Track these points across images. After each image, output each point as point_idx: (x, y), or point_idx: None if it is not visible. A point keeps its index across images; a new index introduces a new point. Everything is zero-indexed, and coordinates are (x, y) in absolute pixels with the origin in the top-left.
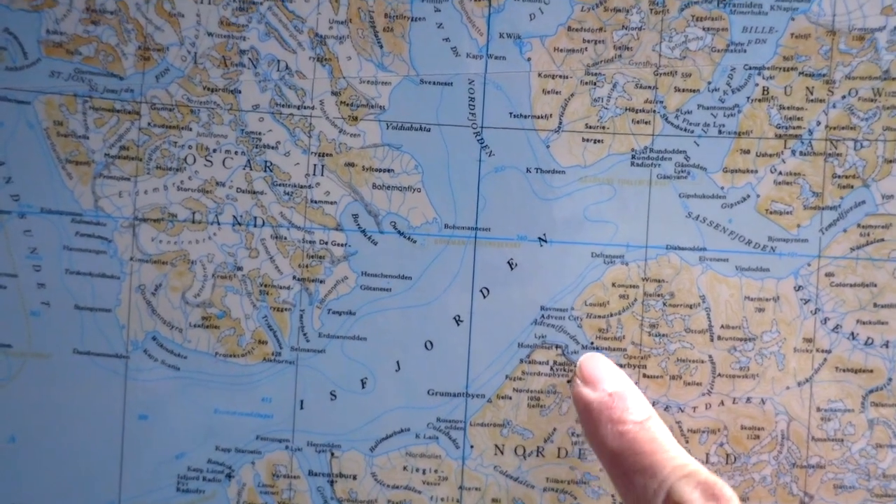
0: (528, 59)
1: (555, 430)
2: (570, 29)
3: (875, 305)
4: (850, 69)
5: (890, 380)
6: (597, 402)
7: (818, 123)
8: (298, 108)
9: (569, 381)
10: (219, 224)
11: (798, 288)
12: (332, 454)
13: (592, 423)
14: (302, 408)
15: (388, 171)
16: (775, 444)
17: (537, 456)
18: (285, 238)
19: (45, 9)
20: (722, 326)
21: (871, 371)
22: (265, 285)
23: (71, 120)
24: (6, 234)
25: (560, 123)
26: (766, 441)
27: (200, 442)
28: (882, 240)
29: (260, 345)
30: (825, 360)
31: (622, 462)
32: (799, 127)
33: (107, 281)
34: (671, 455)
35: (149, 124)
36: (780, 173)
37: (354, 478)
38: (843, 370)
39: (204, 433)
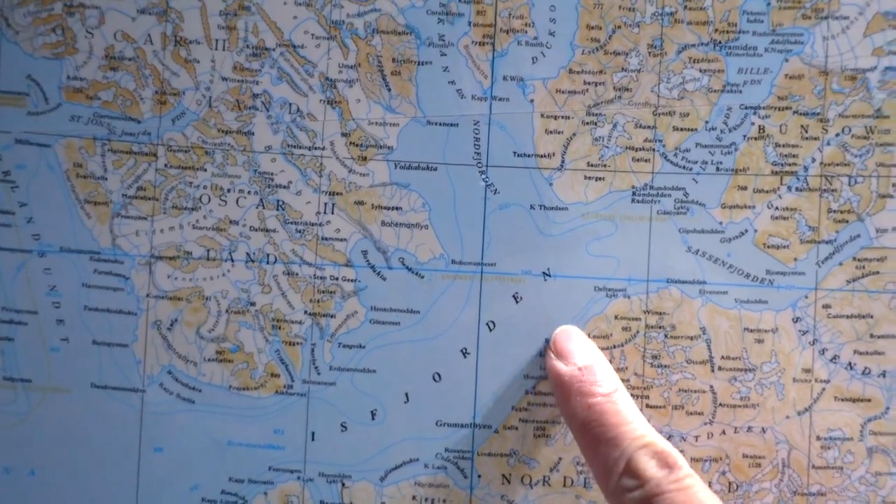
0: (531, 101)
1: (560, 459)
2: (571, 71)
3: (871, 336)
4: (843, 108)
5: (888, 408)
6: (568, 376)
7: (813, 160)
8: (309, 149)
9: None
10: (232, 261)
11: (796, 319)
12: (343, 484)
13: (564, 395)
14: (313, 439)
15: (397, 208)
16: (776, 472)
17: (543, 485)
18: (297, 274)
19: (66, 56)
20: (722, 357)
21: (870, 400)
22: (277, 320)
23: (90, 162)
24: (27, 273)
25: (563, 162)
26: (768, 469)
27: (214, 473)
28: (877, 272)
29: (272, 378)
30: (824, 389)
31: (589, 433)
32: (794, 164)
33: (124, 317)
34: (633, 427)
35: (165, 165)
36: (777, 209)
37: None
38: (842, 399)
39: (217, 465)
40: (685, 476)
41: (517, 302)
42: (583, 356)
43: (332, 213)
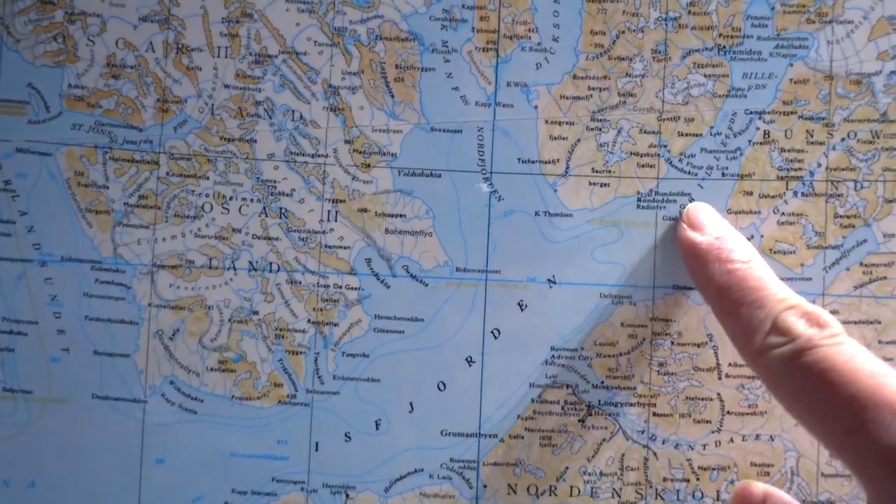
0: (535, 107)
1: (567, 468)
2: (575, 77)
3: (879, 342)
4: (849, 112)
5: None
6: (705, 244)
7: (819, 165)
8: (312, 157)
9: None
10: (235, 270)
11: None
12: (347, 495)
13: (700, 262)
14: (317, 449)
15: (400, 216)
16: (785, 480)
17: (550, 495)
18: (300, 282)
19: (67, 64)
20: (729, 364)
21: None
22: (280, 329)
23: (91, 170)
24: (27, 282)
25: (567, 168)
26: (777, 478)
27: (217, 485)
28: (885, 277)
29: (275, 388)
30: None
31: (729, 296)
32: (800, 169)
33: (125, 327)
34: (776, 290)
35: (167, 174)
36: (783, 214)
37: None
38: None
39: (220, 476)
40: (839, 334)
41: (522, 309)
42: (717, 228)
43: (336, 220)
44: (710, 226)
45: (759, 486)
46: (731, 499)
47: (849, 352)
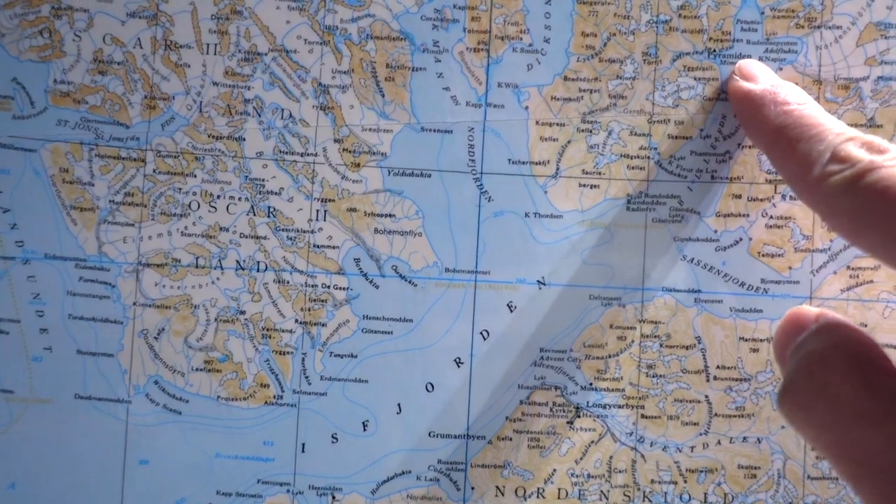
0: (526, 108)
1: (555, 471)
2: (566, 78)
3: None
4: (837, 117)
5: None
6: (759, 90)
7: None
8: (302, 155)
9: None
10: (222, 269)
11: None
12: (334, 497)
13: (755, 107)
14: (303, 451)
15: (390, 216)
16: (772, 482)
17: (538, 497)
18: (288, 282)
19: (53, 59)
20: (718, 367)
21: None
22: (267, 329)
23: (76, 167)
24: (10, 280)
25: (557, 169)
26: (763, 480)
27: (201, 487)
28: (871, 281)
29: (262, 388)
30: None
31: (786, 135)
32: None
33: (110, 326)
34: (833, 125)
35: (154, 171)
36: (772, 217)
37: None
38: None
39: (205, 478)
40: None
41: (511, 311)
42: (770, 77)
43: (325, 220)
44: (763, 76)
45: (813, 309)
46: (781, 325)
47: None
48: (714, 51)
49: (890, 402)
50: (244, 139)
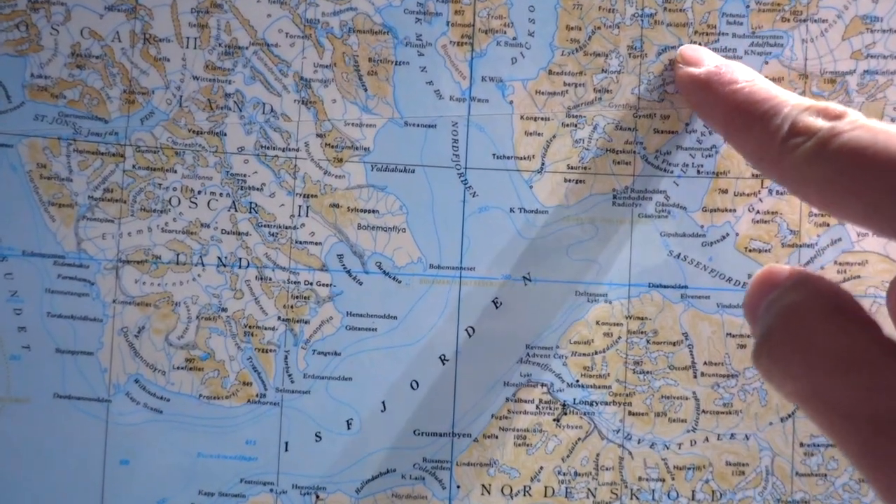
0: (511, 102)
1: (541, 468)
2: (550, 72)
3: None
4: None
5: None
6: (705, 73)
7: None
8: (283, 150)
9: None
10: (203, 265)
11: None
12: (318, 496)
13: (703, 91)
14: (287, 450)
15: (373, 211)
16: (760, 479)
17: (524, 495)
18: (270, 279)
19: (30, 53)
20: (705, 363)
21: None
22: (250, 326)
23: (54, 163)
24: None
25: (542, 164)
26: (751, 477)
27: (183, 486)
28: (859, 276)
29: (244, 386)
30: None
31: (740, 115)
32: None
33: (89, 324)
34: (786, 97)
35: (133, 167)
36: (758, 212)
37: None
38: None
39: (187, 477)
40: (859, 118)
41: (497, 307)
42: (714, 59)
43: (307, 215)
44: (707, 59)
45: (785, 266)
46: (753, 282)
47: (873, 128)
48: (699, 44)
49: (867, 349)
50: (225, 134)
